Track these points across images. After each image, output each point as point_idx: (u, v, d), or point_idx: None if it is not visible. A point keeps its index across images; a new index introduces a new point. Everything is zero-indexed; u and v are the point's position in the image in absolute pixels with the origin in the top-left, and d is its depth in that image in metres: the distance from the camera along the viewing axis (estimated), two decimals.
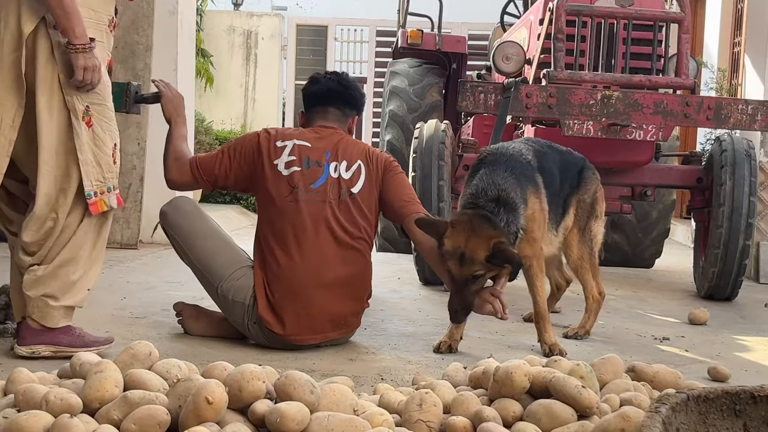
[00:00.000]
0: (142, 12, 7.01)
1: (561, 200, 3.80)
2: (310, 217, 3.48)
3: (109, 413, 2.10)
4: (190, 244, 3.65)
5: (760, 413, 1.97)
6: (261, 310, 3.42)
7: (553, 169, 3.77)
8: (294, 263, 3.45)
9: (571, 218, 3.87)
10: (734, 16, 9.16)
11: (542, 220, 3.61)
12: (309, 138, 3.63)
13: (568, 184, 3.85)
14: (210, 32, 13.43)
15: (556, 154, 3.86)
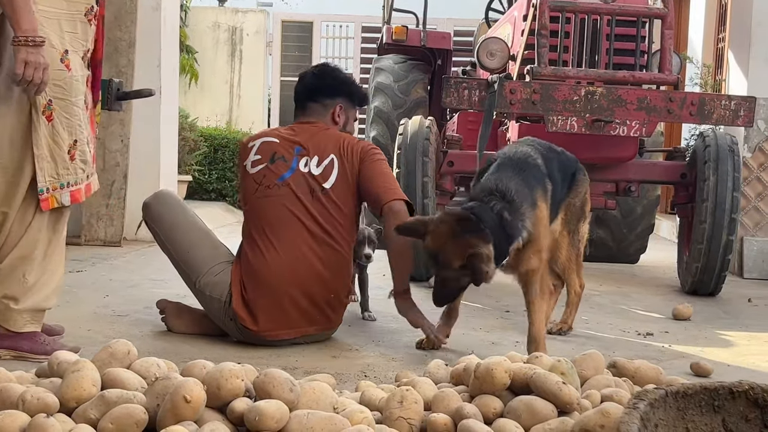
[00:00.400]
0: (125, 8, 6.97)
1: (556, 205, 3.64)
2: (281, 213, 3.48)
3: (86, 412, 2.09)
4: (171, 237, 3.64)
5: (739, 408, 1.97)
6: (235, 306, 3.42)
7: (556, 175, 3.60)
8: (265, 259, 3.44)
9: (559, 222, 3.71)
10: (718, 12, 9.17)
11: (548, 230, 3.47)
12: (281, 134, 3.65)
13: (565, 187, 3.71)
14: (194, 28, 13.38)
15: (556, 158, 3.68)
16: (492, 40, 5.75)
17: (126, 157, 6.95)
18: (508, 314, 4.53)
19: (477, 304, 4.78)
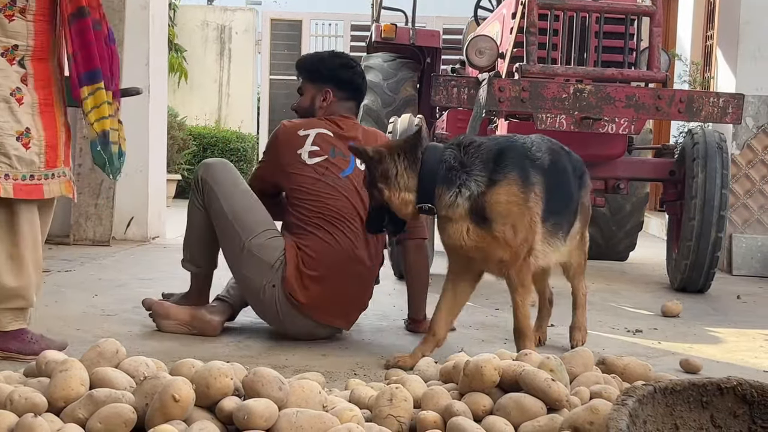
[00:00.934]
0: (113, 6, 6.94)
1: (573, 206, 3.43)
2: (346, 207, 3.57)
3: (75, 412, 2.08)
4: (230, 194, 3.59)
5: (727, 405, 1.98)
6: (289, 275, 3.44)
7: (568, 173, 3.39)
8: (330, 246, 3.50)
9: (578, 225, 3.50)
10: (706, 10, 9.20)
11: (526, 223, 3.13)
12: (332, 128, 3.71)
13: (576, 186, 3.46)
14: (183, 27, 13.34)
15: (567, 157, 3.44)
16: (481, 38, 5.76)
17: None
18: (498, 312, 4.53)
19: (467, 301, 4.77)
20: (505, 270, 3.20)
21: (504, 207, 3.08)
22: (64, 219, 6.99)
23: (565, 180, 3.36)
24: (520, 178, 3.12)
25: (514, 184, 3.10)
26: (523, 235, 3.13)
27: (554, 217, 3.27)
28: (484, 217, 3.08)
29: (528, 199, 3.13)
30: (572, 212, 3.42)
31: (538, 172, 3.19)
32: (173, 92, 12.36)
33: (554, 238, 3.31)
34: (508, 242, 3.11)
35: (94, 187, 6.89)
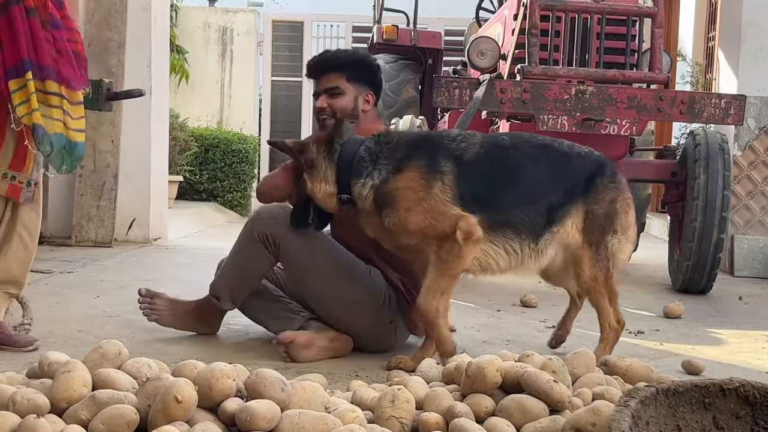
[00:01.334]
0: (115, 8, 6.96)
1: (542, 207, 3.19)
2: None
3: (77, 413, 2.08)
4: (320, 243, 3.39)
5: (729, 406, 1.98)
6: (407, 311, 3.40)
7: (515, 167, 3.22)
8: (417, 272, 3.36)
9: (570, 233, 3.21)
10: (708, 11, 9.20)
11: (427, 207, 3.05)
12: None
13: (560, 191, 3.22)
14: (185, 28, 13.34)
15: (540, 153, 3.26)
16: (483, 39, 5.76)
17: (116, 157, 6.94)
18: (500, 313, 4.54)
19: (469, 303, 4.78)
20: (435, 251, 3.09)
21: (401, 193, 3.06)
22: (66, 220, 7.01)
23: (517, 177, 3.22)
24: (423, 166, 3.08)
25: (415, 171, 3.07)
26: (421, 221, 3.05)
27: (494, 214, 3.14)
28: (385, 205, 3.09)
29: (431, 186, 3.06)
30: (540, 214, 3.18)
31: (451, 163, 3.10)
32: (175, 93, 12.37)
33: (501, 238, 3.16)
34: (408, 228, 3.07)
35: (96, 188, 6.89)
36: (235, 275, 3.43)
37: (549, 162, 3.25)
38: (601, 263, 3.24)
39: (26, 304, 3.55)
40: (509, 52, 5.32)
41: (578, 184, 3.25)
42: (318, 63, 3.56)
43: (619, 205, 3.28)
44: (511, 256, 3.19)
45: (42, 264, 5.58)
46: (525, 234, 3.18)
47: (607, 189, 3.27)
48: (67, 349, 3.11)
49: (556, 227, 3.21)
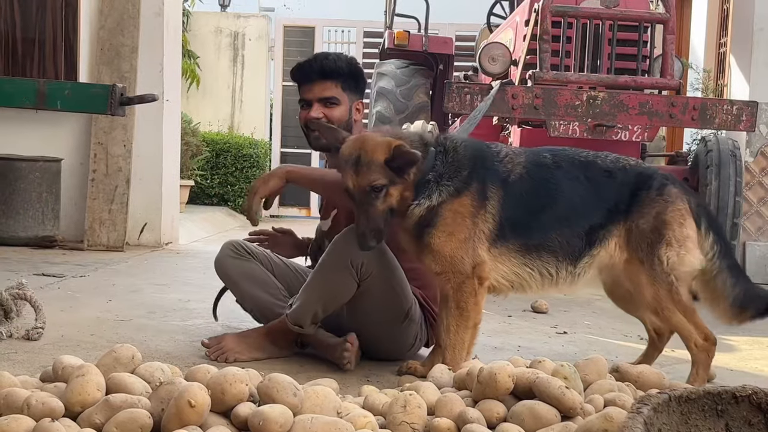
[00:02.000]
0: (128, 13, 7.00)
1: (579, 229, 3.06)
2: None
3: (91, 417, 2.09)
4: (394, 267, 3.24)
5: (742, 413, 1.97)
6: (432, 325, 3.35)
7: (554, 189, 3.08)
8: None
9: (614, 254, 3.06)
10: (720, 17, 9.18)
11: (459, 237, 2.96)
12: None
13: (601, 211, 3.07)
14: (197, 33, 13.40)
15: (580, 172, 3.11)
16: (494, 45, 5.77)
17: (129, 161, 6.98)
18: (511, 319, 4.54)
19: None
20: (441, 284, 3.04)
21: (450, 215, 2.95)
22: (78, 224, 7.05)
23: (556, 199, 3.08)
24: (475, 192, 2.98)
25: (468, 197, 2.97)
26: (453, 250, 2.96)
27: (530, 238, 3.04)
28: (431, 223, 2.97)
29: (477, 214, 2.97)
30: (578, 236, 3.06)
31: (497, 186, 3.01)
32: (186, 98, 12.42)
33: (537, 262, 3.05)
34: (444, 254, 2.96)
35: (108, 192, 6.92)
36: (322, 302, 3.16)
37: (590, 180, 3.10)
38: (660, 279, 3.02)
39: (39, 307, 3.57)
40: (520, 57, 5.33)
41: (621, 201, 3.09)
42: (313, 69, 3.35)
43: (668, 216, 3.05)
44: (545, 279, 3.07)
45: (54, 268, 5.61)
46: (562, 257, 3.06)
47: (653, 202, 3.07)
48: (79, 353, 3.13)
49: (596, 249, 3.07)
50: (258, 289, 3.40)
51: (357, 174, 2.87)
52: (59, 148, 7.07)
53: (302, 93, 3.37)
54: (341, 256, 3.07)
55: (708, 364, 3.06)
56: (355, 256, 3.04)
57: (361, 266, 3.07)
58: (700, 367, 3.05)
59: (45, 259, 6.06)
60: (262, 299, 3.40)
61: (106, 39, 7.05)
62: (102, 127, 6.98)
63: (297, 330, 3.19)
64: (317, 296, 3.14)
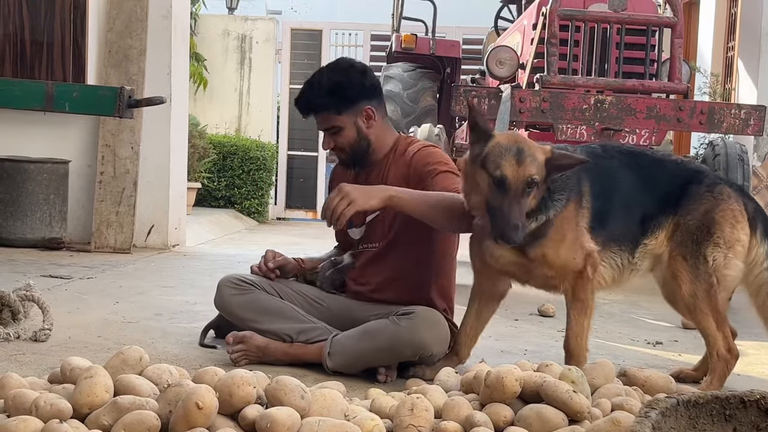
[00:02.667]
0: (136, 16, 7.02)
1: (636, 218, 3.06)
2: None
3: (99, 419, 2.10)
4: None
5: (750, 418, 1.97)
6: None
7: (616, 177, 3.06)
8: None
9: (661, 246, 3.06)
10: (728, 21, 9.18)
11: (571, 239, 2.93)
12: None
13: (653, 200, 3.06)
14: (204, 36, 13.43)
15: (632, 160, 3.12)
16: (501, 48, 5.78)
17: (136, 164, 6.99)
18: (518, 322, 4.53)
19: None
20: (558, 284, 2.98)
21: (559, 223, 2.90)
22: (86, 226, 7.06)
23: (618, 189, 3.06)
24: (577, 193, 2.93)
25: (574, 201, 2.92)
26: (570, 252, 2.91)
27: (605, 230, 3.00)
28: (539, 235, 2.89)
29: (579, 213, 2.93)
30: (636, 224, 3.05)
31: (587, 181, 2.96)
32: (193, 101, 12.44)
33: (608, 253, 3.03)
34: (558, 254, 2.91)
35: (116, 194, 6.94)
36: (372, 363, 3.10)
37: (641, 169, 3.10)
38: (700, 278, 2.98)
39: (46, 309, 3.58)
40: (528, 61, 5.33)
41: (672, 192, 3.06)
42: (302, 107, 3.31)
43: (718, 215, 3.01)
44: (614, 272, 3.07)
45: (62, 270, 5.62)
46: (624, 246, 3.05)
47: (702, 198, 3.04)
48: (86, 354, 3.14)
49: (648, 239, 3.06)
50: (276, 322, 3.26)
51: (519, 164, 2.73)
52: (67, 150, 7.10)
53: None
54: (413, 340, 3.02)
55: (725, 375, 3.02)
56: (430, 345, 3.04)
57: (430, 354, 3.07)
58: (716, 377, 3.01)
59: (52, 261, 6.07)
60: (284, 330, 3.25)
61: (114, 41, 7.07)
62: (110, 130, 6.99)
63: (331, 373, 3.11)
64: (370, 360, 3.08)
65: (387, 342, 3.03)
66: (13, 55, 7.06)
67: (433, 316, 3.12)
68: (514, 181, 2.73)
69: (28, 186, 6.74)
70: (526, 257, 2.92)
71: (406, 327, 3.03)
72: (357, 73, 3.28)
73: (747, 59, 7.24)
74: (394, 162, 3.29)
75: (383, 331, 3.06)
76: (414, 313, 3.08)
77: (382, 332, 3.06)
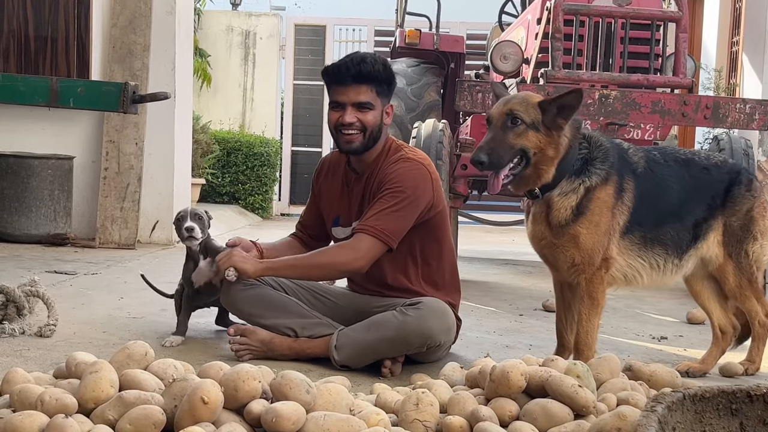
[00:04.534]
0: (140, 12, 7.02)
1: (688, 224, 3.25)
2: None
3: (105, 413, 2.10)
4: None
5: (757, 412, 1.96)
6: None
7: (668, 184, 3.22)
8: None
9: (711, 247, 3.29)
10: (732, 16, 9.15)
11: (602, 228, 3.06)
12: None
13: (702, 206, 3.27)
14: (208, 32, 13.42)
15: (684, 169, 3.28)
16: (505, 43, 5.76)
17: (140, 159, 7.00)
18: (522, 317, 4.53)
19: (491, 307, 4.78)
20: (574, 276, 3.12)
21: (597, 204, 3.05)
22: (90, 222, 7.07)
23: (670, 194, 3.23)
24: (617, 181, 3.08)
25: (613, 185, 3.08)
26: (596, 241, 3.05)
27: (648, 230, 3.17)
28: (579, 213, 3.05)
29: (616, 204, 3.09)
30: (687, 230, 3.24)
31: (631, 177, 3.12)
32: (197, 97, 12.43)
33: (649, 254, 3.19)
34: (584, 245, 3.05)
35: (120, 190, 6.95)
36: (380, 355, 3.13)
37: (692, 178, 3.28)
38: (744, 271, 3.32)
39: (51, 304, 3.58)
40: (532, 56, 5.32)
41: (717, 196, 3.30)
42: (350, 71, 3.22)
43: (756, 212, 3.32)
44: (654, 271, 3.23)
45: (66, 265, 5.63)
46: (671, 250, 3.23)
47: (744, 198, 3.32)
48: (91, 350, 3.14)
49: (700, 243, 3.28)
50: (281, 317, 3.27)
51: (503, 104, 3.00)
52: (71, 145, 7.10)
53: (335, 95, 3.26)
54: (420, 329, 3.08)
55: (765, 338, 3.39)
56: (437, 334, 3.11)
57: (438, 344, 3.15)
58: (760, 342, 3.39)
59: (57, 257, 6.08)
60: (288, 324, 3.26)
61: (118, 37, 7.07)
62: (114, 125, 7.00)
63: (338, 367, 3.13)
64: (377, 351, 3.11)
65: (394, 332, 3.06)
66: (18, 50, 7.07)
67: (440, 306, 3.15)
68: (494, 116, 3.00)
69: (33, 182, 6.75)
70: (561, 237, 3.06)
71: (414, 316, 3.07)
72: (395, 77, 3.39)
73: (752, 54, 7.22)
74: (379, 173, 3.29)
75: (390, 321, 3.09)
76: (421, 303, 3.13)
77: (390, 322, 3.08)
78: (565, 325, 3.29)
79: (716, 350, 3.45)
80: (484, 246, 8.96)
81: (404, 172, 3.22)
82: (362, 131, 3.23)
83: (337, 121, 3.25)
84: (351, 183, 3.38)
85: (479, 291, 5.46)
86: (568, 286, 3.24)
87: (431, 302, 3.15)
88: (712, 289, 3.43)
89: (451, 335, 3.25)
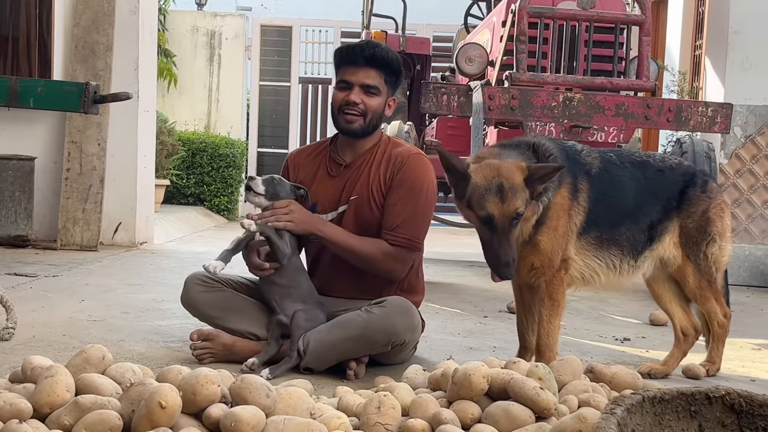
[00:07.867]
0: (103, 11, 6.94)
1: (643, 225, 3.25)
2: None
3: (60, 418, 2.06)
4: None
5: (715, 414, 1.97)
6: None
7: (624, 185, 3.24)
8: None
9: (668, 249, 3.32)
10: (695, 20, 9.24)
11: (559, 232, 3.06)
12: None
13: (657, 207, 3.29)
14: (173, 32, 13.33)
15: (639, 171, 3.29)
16: (471, 45, 5.77)
17: (103, 160, 6.92)
18: (486, 319, 4.53)
19: (456, 309, 4.77)
20: (534, 279, 3.11)
21: (554, 209, 3.03)
22: (52, 223, 6.98)
23: (626, 195, 3.23)
24: (571, 183, 3.08)
25: (566, 188, 3.06)
26: (555, 245, 3.05)
27: (605, 231, 3.18)
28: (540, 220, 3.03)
29: (572, 206, 3.08)
30: (642, 231, 3.25)
31: (585, 179, 3.13)
32: (162, 97, 12.34)
33: (606, 254, 3.20)
34: (543, 249, 3.05)
35: (82, 192, 6.86)
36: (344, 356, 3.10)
37: (648, 180, 3.30)
38: (703, 272, 3.35)
39: (10, 307, 3.52)
40: (497, 58, 5.33)
41: (673, 198, 3.32)
42: (364, 53, 3.24)
43: (712, 213, 3.35)
44: (611, 272, 3.24)
45: (27, 267, 5.55)
46: (627, 251, 3.24)
47: (699, 200, 3.34)
48: (50, 353, 3.10)
49: (655, 244, 3.30)
50: (243, 320, 3.25)
51: (503, 202, 2.84)
52: (32, 146, 7.01)
53: (344, 74, 3.27)
54: (385, 327, 3.06)
55: (724, 339, 3.46)
56: (402, 332, 3.09)
57: (402, 342, 3.13)
58: (720, 342, 3.45)
59: (17, 259, 6.00)
60: (251, 328, 3.25)
61: (80, 36, 6.99)
62: (76, 126, 6.92)
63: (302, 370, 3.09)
64: (342, 351, 3.08)
65: (359, 330, 3.05)
66: None
67: (405, 305, 3.15)
68: (500, 219, 2.85)
69: None
70: (523, 248, 3.05)
71: (379, 314, 3.07)
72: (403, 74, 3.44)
73: (714, 58, 7.29)
74: (375, 163, 3.30)
75: (355, 320, 3.08)
76: (386, 301, 3.12)
77: (354, 321, 3.07)
78: (527, 326, 3.29)
79: (678, 352, 3.48)
80: (449, 248, 8.97)
81: (423, 171, 3.32)
82: (363, 115, 3.25)
83: (342, 100, 3.26)
84: (337, 171, 3.35)
85: (444, 293, 5.46)
86: (528, 288, 3.24)
87: (396, 300, 3.15)
88: (674, 291, 3.45)
89: (416, 334, 3.24)
